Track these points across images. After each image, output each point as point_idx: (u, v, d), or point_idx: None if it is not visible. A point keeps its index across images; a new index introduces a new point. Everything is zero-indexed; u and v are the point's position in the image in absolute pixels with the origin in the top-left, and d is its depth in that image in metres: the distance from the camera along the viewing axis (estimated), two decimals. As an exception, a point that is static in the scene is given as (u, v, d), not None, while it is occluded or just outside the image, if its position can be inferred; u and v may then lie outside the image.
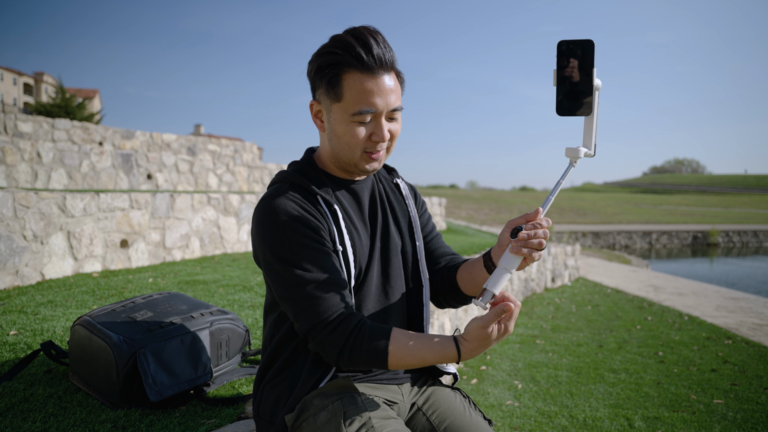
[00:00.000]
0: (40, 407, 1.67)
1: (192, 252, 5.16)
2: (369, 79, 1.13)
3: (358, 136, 1.16)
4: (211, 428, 1.61)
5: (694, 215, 37.99)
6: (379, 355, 1.08)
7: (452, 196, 37.85)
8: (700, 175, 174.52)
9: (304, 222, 1.14)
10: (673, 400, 3.29)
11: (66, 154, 7.81)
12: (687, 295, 7.75)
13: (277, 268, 1.13)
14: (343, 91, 1.14)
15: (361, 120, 1.15)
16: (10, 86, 58.88)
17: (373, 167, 1.22)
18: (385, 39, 1.16)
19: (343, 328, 1.09)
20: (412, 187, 1.46)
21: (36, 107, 21.33)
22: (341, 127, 1.17)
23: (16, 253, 3.51)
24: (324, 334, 1.09)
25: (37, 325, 2.52)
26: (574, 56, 1.08)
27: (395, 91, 1.17)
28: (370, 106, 1.14)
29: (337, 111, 1.16)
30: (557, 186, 1.12)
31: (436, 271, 1.39)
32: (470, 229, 13.12)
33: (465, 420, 1.26)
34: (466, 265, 1.31)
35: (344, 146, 1.18)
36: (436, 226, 1.48)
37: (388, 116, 1.18)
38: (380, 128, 1.16)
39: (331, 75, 1.14)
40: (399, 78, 1.20)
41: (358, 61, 1.12)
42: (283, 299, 1.14)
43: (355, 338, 1.09)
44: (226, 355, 1.99)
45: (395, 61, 1.17)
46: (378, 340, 1.09)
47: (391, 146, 1.23)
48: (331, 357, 1.11)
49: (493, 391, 3.40)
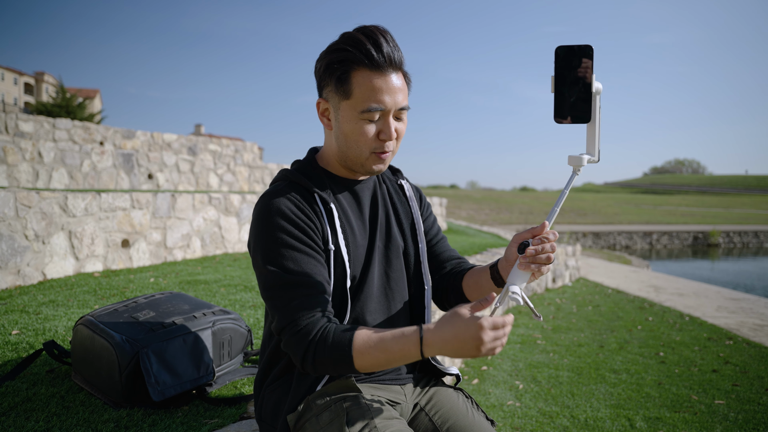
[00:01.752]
0: (43, 407, 1.68)
1: (193, 252, 5.16)
2: (378, 77, 1.13)
3: (367, 134, 1.16)
4: (214, 428, 1.62)
5: (695, 216, 38.00)
6: (343, 352, 1.04)
7: (453, 197, 37.86)
8: (700, 175, 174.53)
9: (294, 223, 1.14)
10: (674, 401, 3.28)
11: (67, 154, 7.81)
12: (688, 295, 7.75)
13: (261, 265, 1.14)
14: (353, 88, 1.14)
15: (370, 118, 1.15)
16: (11, 86, 58.92)
17: (379, 168, 1.22)
18: (394, 38, 1.17)
19: (307, 330, 1.07)
20: (417, 189, 1.45)
21: (37, 107, 21.35)
22: (349, 125, 1.17)
23: (18, 253, 3.51)
24: (290, 335, 1.08)
25: (39, 324, 2.52)
26: (572, 62, 1.05)
27: (403, 90, 1.18)
28: (379, 104, 1.14)
29: (345, 108, 1.17)
30: (562, 196, 1.10)
31: (443, 275, 1.38)
32: (471, 230, 13.12)
33: (468, 420, 1.26)
34: (473, 273, 1.31)
35: (352, 144, 1.18)
36: (441, 229, 1.47)
37: (396, 115, 1.19)
38: (388, 126, 1.17)
39: (341, 72, 1.15)
40: (406, 78, 1.21)
41: (368, 59, 1.12)
42: (263, 296, 1.16)
43: (318, 340, 1.06)
44: (229, 355, 1.99)
45: (403, 60, 1.18)
46: (341, 339, 1.06)
47: (396, 147, 1.23)
48: (297, 359, 1.08)
49: (495, 391, 3.40)
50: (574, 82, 1.05)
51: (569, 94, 1.06)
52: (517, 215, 32.29)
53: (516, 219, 30.25)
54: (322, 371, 1.08)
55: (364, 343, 1.05)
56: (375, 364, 1.05)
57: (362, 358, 1.05)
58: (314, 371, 1.09)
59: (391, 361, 1.05)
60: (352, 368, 1.06)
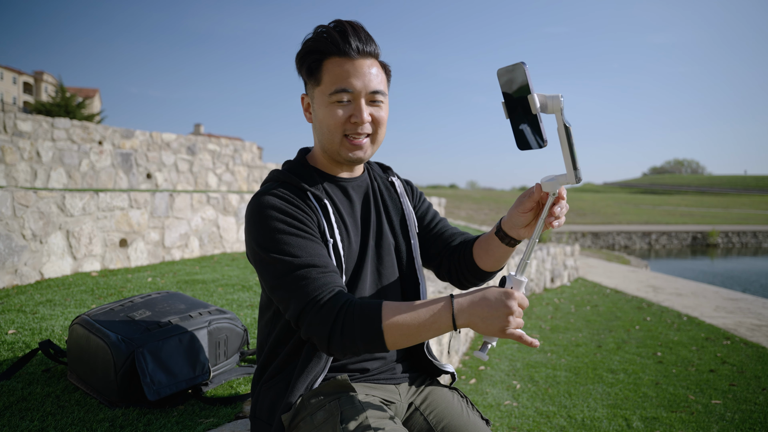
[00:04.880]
0: (38, 406, 1.68)
1: (191, 251, 5.16)
2: (346, 62, 1.16)
3: (337, 116, 1.17)
4: (209, 427, 1.61)
5: (694, 216, 38.01)
6: (372, 321, 1.00)
7: (452, 196, 37.85)
8: (699, 175, 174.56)
9: (290, 214, 1.14)
10: (671, 401, 3.29)
11: (65, 154, 7.80)
12: (686, 295, 7.76)
13: (265, 258, 1.12)
14: (323, 75, 1.17)
15: (339, 99, 1.16)
16: (10, 85, 58.87)
17: (357, 155, 1.21)
18: (366, 32, 1.19)
19: (331, 305, 1.04)
20: (407, 183, 1.46)
21: (36, 106, 21.33)
22: (321, 110, 1.19)
23: (15, 252, 3.51)
24: (313, 313, 1.05)
25: (35, 324, 2.52)
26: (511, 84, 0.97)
27: (377, 76, 1.19)
28: (347, 86, 1.15)
29: (318, 96, 1.19)
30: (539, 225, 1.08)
31: (453, 249, 1.37)
32: (470, 229, 13.12)
33: (462, 420, 1.26)
34: (480, 241, 1.31)
35: (325, 130, 1.19)
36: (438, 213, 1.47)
37: (369, 99, 1.19)
38: (359, 110, 1.17)
39: (311, 61, 1.18)
40: (385, 69, 1.23)
41: (335, 46, 1.15)
42: (274, 288, 1.11)
43: (346, 312, 1.02)
44: (225, 354, 1.99)
45: (377, 52, 1.21)
46: (369, 309, 1.02)
47: (377, 135, 1.22)
48: (323, 338, 1.03)
49: (492, 391, 3.40)
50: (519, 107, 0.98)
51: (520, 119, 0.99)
52: (516, 215, 32.17)
53: (515, 219, 30.12)
54: (350, 347, 1.03)
55: (393, 311, 1.01)
56: (405, 333, 1.01)
57: (392, 329, 1.00)
58: (341, 348, 1.03)
59: (422, 331, 1.00)
60: (381, 339, 1.01)
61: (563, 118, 0.96)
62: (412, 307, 1.02)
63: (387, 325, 1.01)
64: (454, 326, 1.00)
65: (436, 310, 1.00)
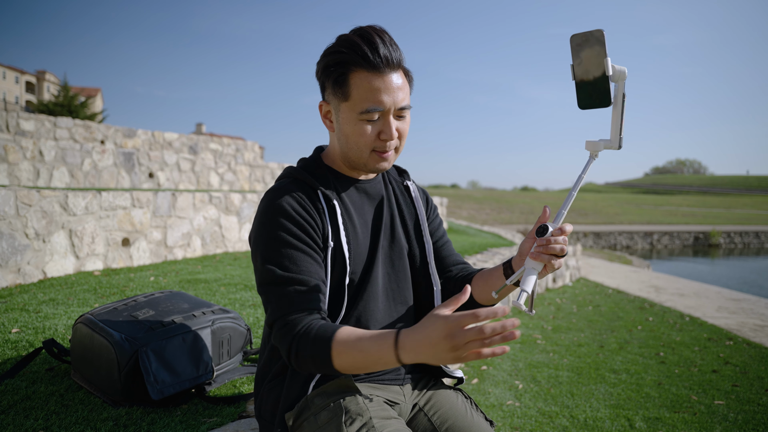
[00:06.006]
0: (42, 405, 1.68)
1: (193, 251, 5.17)
2: (376, 77, 1.13)
3: (367, 134, 1.16)
4: (213, 427, 1.62)
5: (696, 216, 37.96)
6: (323, 348, 1.00)
7: (453, 196, 37.85)
8: (701, 175, 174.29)
9: (295, 221, 1.15)
10: (674, 401, 3.28)
11: (68, 153, 7.81)
12: (688, 295, 7.74)
13: (259, 261, 1.15)
14: (351, 90, 1.14)
15: (369, 118, 1.15)
16: (12, 84, 58.97)
17: (382, 166, 1.22)
18: (392, 38, 1.16)
19: (293, 325, 1.07)
20: (423, 191, 1.45)
21: (38, 106, 21.38)
22: (349, 126, 1.17)
23: (18, 251, 3.52)
24: (278, 328, 1.08)
25: (38, 323, 2.52)
26: (586, 48, 1.07)
27: (403, 89, 1.17)
28: (377, 104, 1.13)
29: (345, 110, 1.17)
30: (579, 181, 1.13)
31: (448, 278, 1.37)
32: (471, 229, 13.11)
33: (466, 421, 1.26)
34: (482, 274, 1.30)
35: (353, 146, 1.18)
36: (446, 232, 1.47)
37: (396, 114, 1.18)
38: (388, 126, 1.16)
39: (338, 74, 1.15)
40: (408, 77, 1.20)
41: (365, 60, 1.11)
42: (259, 291, 1.16)
43: (302, 334, 1.04)
44: (228, 353, 1.99)
45: (402, 59, 1.17)
46: (323, 335, 1.02)
47: (401, 146, 1.23)
48: (284, 353, 1.07)
49: (494, 391, 3.40)
50: (591, 68, 1.08)
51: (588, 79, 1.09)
52: (518, 215, 32.29)
53: (517, 219, 30.23)
54: (304, 367, 1.06)
55: (343, 341, 1.00)
56: (353, 364, 1.00)
57: (340, 357, 1.00)
58: (298, 367, 1.07)
59: (369, 365, 0.98)
60: (330, 367, 1.01)
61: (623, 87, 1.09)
62: (362, 340, 0.99)
63: (336, 354, 1.00)
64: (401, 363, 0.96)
65: (383, 349, 0.96)
